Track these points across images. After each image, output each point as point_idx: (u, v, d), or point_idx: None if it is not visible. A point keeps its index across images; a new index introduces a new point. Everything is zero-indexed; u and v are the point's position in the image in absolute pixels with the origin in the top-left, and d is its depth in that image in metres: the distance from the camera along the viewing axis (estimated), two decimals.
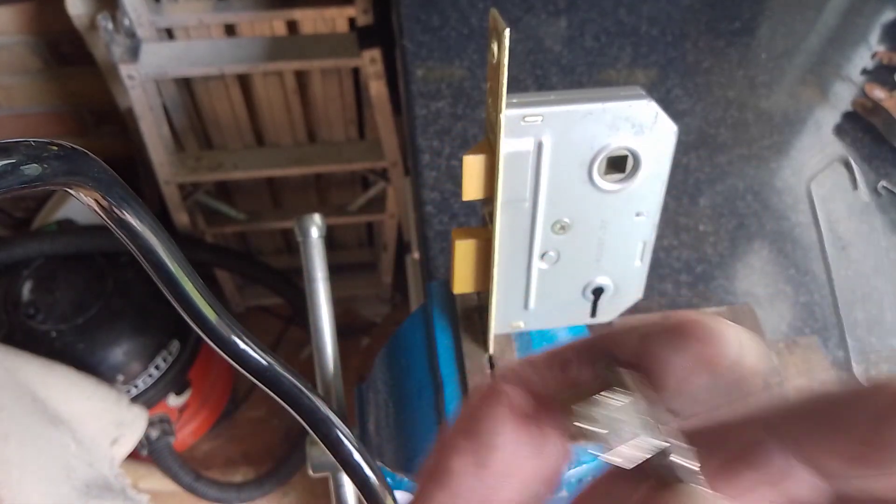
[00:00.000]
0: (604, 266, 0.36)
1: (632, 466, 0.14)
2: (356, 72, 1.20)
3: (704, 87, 0.75)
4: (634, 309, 0.39)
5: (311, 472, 0.45)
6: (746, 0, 0.85)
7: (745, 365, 0.14)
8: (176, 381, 1.23)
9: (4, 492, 0.77)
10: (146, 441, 1.13)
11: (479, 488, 0.15)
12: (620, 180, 0.32)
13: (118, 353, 1.11)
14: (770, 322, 0.57)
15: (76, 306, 1.11)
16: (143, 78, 1.04)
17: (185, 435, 1.40)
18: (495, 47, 0.27)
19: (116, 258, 1.17)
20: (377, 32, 1.06)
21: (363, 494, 0.42)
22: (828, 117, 0.74)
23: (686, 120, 0.72)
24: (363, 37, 1.06)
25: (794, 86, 0.77)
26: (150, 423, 1.14)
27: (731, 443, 0.15)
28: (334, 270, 1.66)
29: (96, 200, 0.24)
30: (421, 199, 0.63)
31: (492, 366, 0.40)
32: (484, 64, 0.75)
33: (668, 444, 0.14)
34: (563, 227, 0.34)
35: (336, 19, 1.13)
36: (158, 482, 1.26)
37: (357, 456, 0.40)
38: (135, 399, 1.14)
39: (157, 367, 1.17)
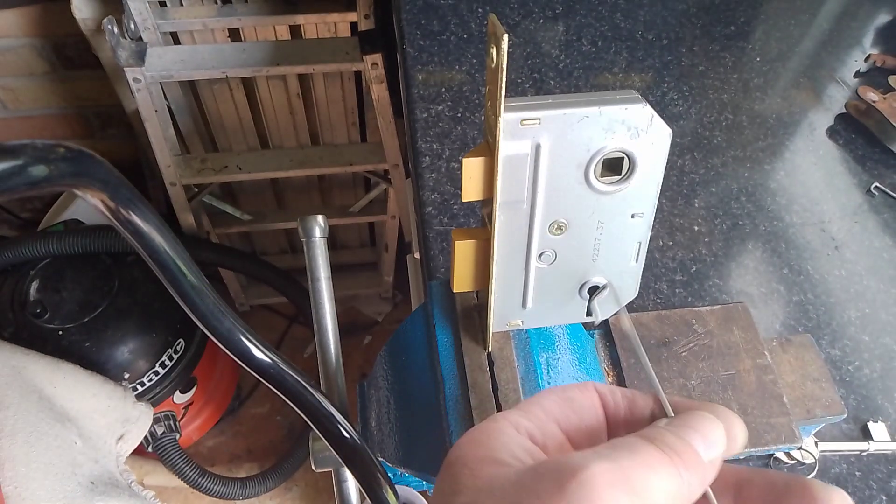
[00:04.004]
0: (600, 266, 0.37)
1: None
2: (358, 75, 1.22)
3: (699, 91, 0.76)
4: (630, 307, 0.40)
5: (314, 468, 0.46)
6: (741, 4, 0.86)
7: None
8: (181, 378, 1.24)
9: (11, 488, 0.77)
10: (151, 437, 1.14)
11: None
12: (616, 182, 0.33)
13: (124, 351, 1.12)
14: (764, 320, 0.58)
15: (83, 305, 1.12)
16: (149, 81, 1.05)
17: (190, 431, 1.41)
18: (494, 52, 0.27)
19: (123, 258, 1.18)
20: (379, 37, 1.07)
21: (365, 489, 0.43)
22: (821, 119, 0.75)
23: (681, 123, 0.73)
24: (365, 41, 1.07)
25: (788, 88, 0.78)
26: (156, 420, 1.14)
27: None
28: (337, 270, 1.66)
29: (103, 201, 0.24)
30: (421, 200, 0.63)
31: (490, 363, 0.40)
32: (483, 68, 0.76)
33: None
34: (560, 228, 0.34)
35: (338, 24, 1.14)
36: (164, 478, 1.27)
37: (359, 451, 0.41)
38: (141, 396, 1.15)
39: (162, 365, 1.18)
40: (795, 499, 0.22)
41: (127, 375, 1.13)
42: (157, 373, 1.17)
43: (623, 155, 0.32)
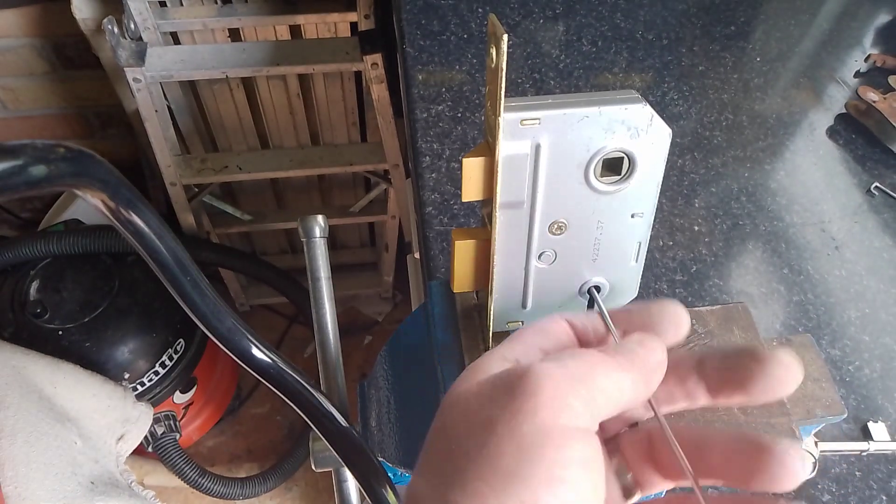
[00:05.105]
0: (600, 266, 0.37)
1: None
2: (358, 75, 1.22)
3: (699, 91, 0.76)
4: None
5: (314, 468, 0.46)
6: (741, 4, 0.86)
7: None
8: (181, 378, 1.24)
9: (11, 488, 0.78)
10: (151, 437, 1.14)
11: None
12: (616, 182, 0.33)
13: (124, 351, 1.12)
14: (764, 320, 0.58)
15: (83, 305, 1.12)
16: (149, 81, 1.05)
17: (190, 431, 1.42)
18: (494, 52, 0.27)
19: (123, 258, 1.18)
20: (379, 37, 1.07)
21: (365, 489, 0.43)
22: (821, 119, 0.75)
23: (681, 123, 0.73)
24: (365, 41, 1.07)
25: (788, 88, 0.78)
26: (156, 420, 1.15)
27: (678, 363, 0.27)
28: (337, 270, 1.66)
29: (103, 201, 0.24)
30: (422, 200, 0.64)
31: None
32: (483, 68, 0.76)
33: None
34: (560, 228, 0.34)
35: (338, 24, 1.14)
36: (164, 478, 1.27)
37: (359, 451, 0.41)
38: (141, 396, 1.15)
39: (162, 365, 1.18)
40: (746, 360, 0.25)
41: (127, 375, 1.13)
42: (157, 373, 1.17)
43: (623, 155, 0.32)
